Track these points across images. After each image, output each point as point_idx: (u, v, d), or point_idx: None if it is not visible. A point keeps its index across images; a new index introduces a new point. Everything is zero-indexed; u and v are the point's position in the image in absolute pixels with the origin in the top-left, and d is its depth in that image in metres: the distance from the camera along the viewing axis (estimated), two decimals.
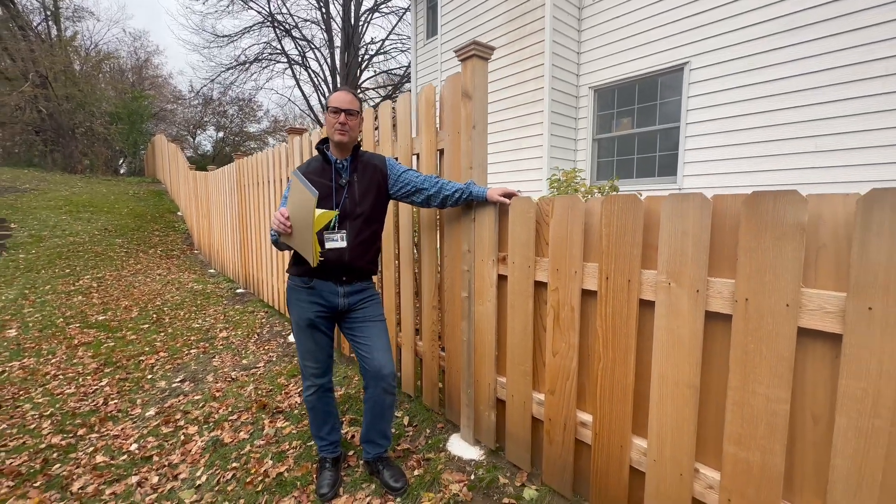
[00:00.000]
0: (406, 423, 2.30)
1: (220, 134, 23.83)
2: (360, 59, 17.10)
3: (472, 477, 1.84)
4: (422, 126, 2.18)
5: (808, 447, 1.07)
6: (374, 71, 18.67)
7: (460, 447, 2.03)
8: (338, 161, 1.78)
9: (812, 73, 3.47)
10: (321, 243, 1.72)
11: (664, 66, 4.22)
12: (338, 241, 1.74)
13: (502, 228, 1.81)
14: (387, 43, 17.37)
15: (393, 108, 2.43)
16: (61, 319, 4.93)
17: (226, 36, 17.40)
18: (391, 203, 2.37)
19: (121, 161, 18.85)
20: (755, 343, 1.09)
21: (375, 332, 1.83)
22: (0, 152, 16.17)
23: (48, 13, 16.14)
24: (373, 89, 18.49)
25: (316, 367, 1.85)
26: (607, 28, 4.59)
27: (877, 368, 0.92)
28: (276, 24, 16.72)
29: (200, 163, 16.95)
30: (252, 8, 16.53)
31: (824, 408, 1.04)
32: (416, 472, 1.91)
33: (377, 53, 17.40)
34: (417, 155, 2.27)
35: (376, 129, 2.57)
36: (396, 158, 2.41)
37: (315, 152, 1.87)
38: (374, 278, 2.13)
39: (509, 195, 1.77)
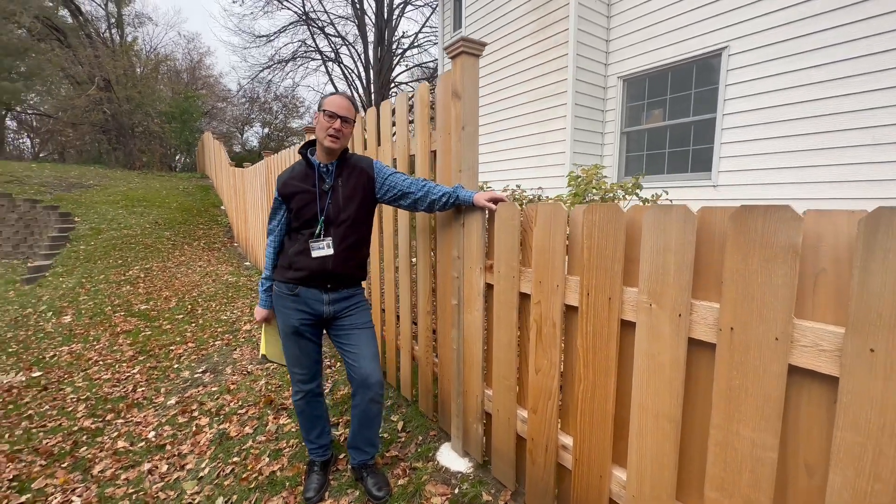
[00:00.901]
0: (399, 429, 2.28)
1: (266, 130, 24.88)
2: (393, 53, 17.20)
3: (456, 491, 1.79)
4: (417, 127, 2.12)
5: (802, 500, 0.92)
6: (407, 65, 18.74)
7: (449, 458, 1.98)
8: (322, 165, 1.75)
9: (869, 55, 3.03)
10: (309, 251, 1.72)
11: (700, 52, 3.87)
12: (324, 249, 1.73)
13: (490, 235, 1.72)
14: (420, 36, 17.35)
15: (393, 107, 2.38)
16: (109, 308, 5.33)
17: (263, 36, 18.05)
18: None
19: (177, 157, 20.13)
20: (740, 378, 0.96)
21: (363, 340, 1.80)
22: (73, 151, 17.79)
23: (111, 20, 17.42)
24: (406, 83, 18.58)
25: (303, 373, 1.85)
26: (639, 12, 4.28)
27: (878, 422, 0.77)
28: (310, 23, 17.11)
29: (248, 158, 17.76)
30: (288, 8, 17.00)
31: (821, 459, 0.89)
32: (400, 482, 1.88)
33: (410, 47, 17.45)
34: (413, 156, 2.21)
35: (378, 129, 2.54)
36: (395, 159, 2.37)
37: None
38: (364, 283, 2.11)
39: (496, 200, 1.68)
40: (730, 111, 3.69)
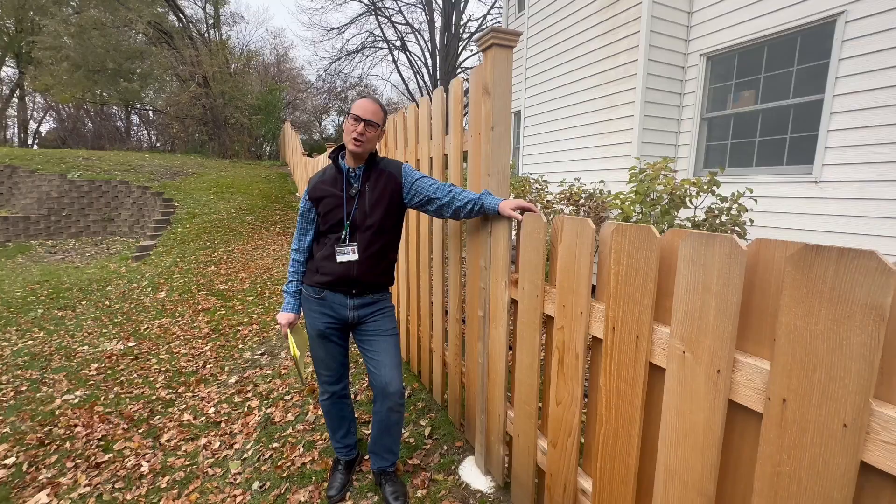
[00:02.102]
0: (426, 435, 2.24)
1: (342, 119, 26.08)
2: (459, 38, 16.89)
3: None
4: (450, 124, 2.01)
5: None
6: (472, 49, 18.31)
7: (471, 474, 1.90)
8: (350, 170, 1.72)
9: None
10: (335, 255, 1.71)
11: (808, 21, 3.21)
12: (349, 255, 1.71)
13: (518, 246, 1.58)
14: (488, 17, 16.80)
15: (430, 103, 2.28)
16: (195, 286, 5.97)
17: (334, 28, 18.65)
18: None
19: (264, 146, 21.90)
20: (792, 464, 0.75)
21: (384, 347, 1.77)
22: (180, 143, 20.13)
23: (210, 21, 19.19)
24: (472, 69, 18.24)
25: (328, 374, 1.88)
26: None
27: None
28: (378, 12, 17.34)
29: (323, 148, 18.75)
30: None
31: None
32: (419, 493, 1.85)
33: (478, 30, 16.98)
34: (447, 156, 2.10)
35: (418, 126, 2.46)
36: (431, 158, 2.28)
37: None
38: (392, 288, 2.07)
39: (524, 210, 1.52)
40: (842, 91, 3.02)
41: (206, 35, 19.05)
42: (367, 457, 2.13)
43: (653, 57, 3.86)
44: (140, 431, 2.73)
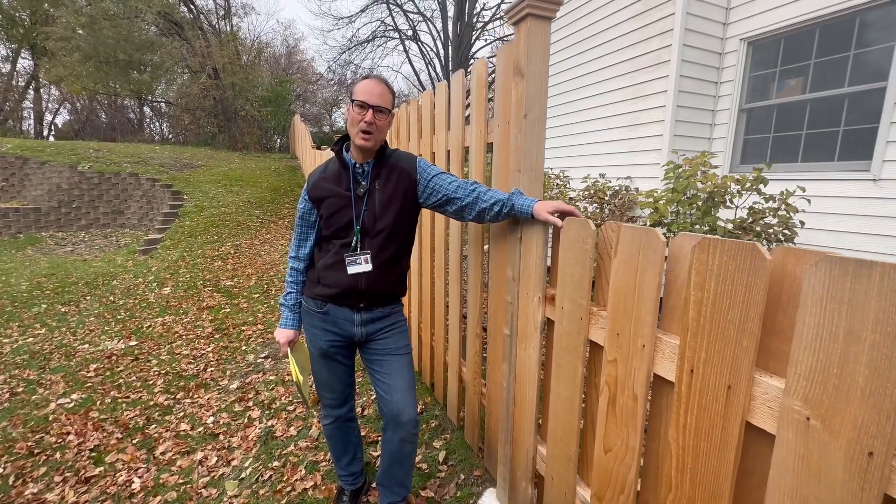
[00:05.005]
0: (441, 460, 2.02)
1: None
2: (472, 27, 16.47)
3: None
4: (472, 112, 1.76)
5: None
6: (486, 39, 17.86)
7: None
8: (357, 165, 1.49)
9: None
10: (339, 264, 1.49)
11: None
12: (362, 265, 1.47)
13: (554, 257, 1.33)
14: (503, 6, 16.32)
15: (448, 89, 2.03)
16: (201, 282, 5.82)
17: (345, 17, 18.36)
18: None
19: (275, 139, 21.75)
20: None
21: (396, 368, 1.55)
22: (191, 135, 20.11)
23: (220, 13, 19.02)
24: (487, 58, 17.81)
25: (332, 397, 1.67)
26: None
27: None
28: (389, 1, 16.98)
29: (333, 141, 18.50)
30: None
31: None
32: None
33: (492, 19, 16.55)
34: (468, 148, 1.85)
35: (433, 115, 2.21)
36: (448, 151, 2.04)
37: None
38: (404, 299, 1.84)
39: (565, 213, 1.27)
40: None
41: (216, 26, 18.90)
42: (374, 485, 1.92)
43: (688, 42, 3.54)
44: (134, 442, 2.56)
